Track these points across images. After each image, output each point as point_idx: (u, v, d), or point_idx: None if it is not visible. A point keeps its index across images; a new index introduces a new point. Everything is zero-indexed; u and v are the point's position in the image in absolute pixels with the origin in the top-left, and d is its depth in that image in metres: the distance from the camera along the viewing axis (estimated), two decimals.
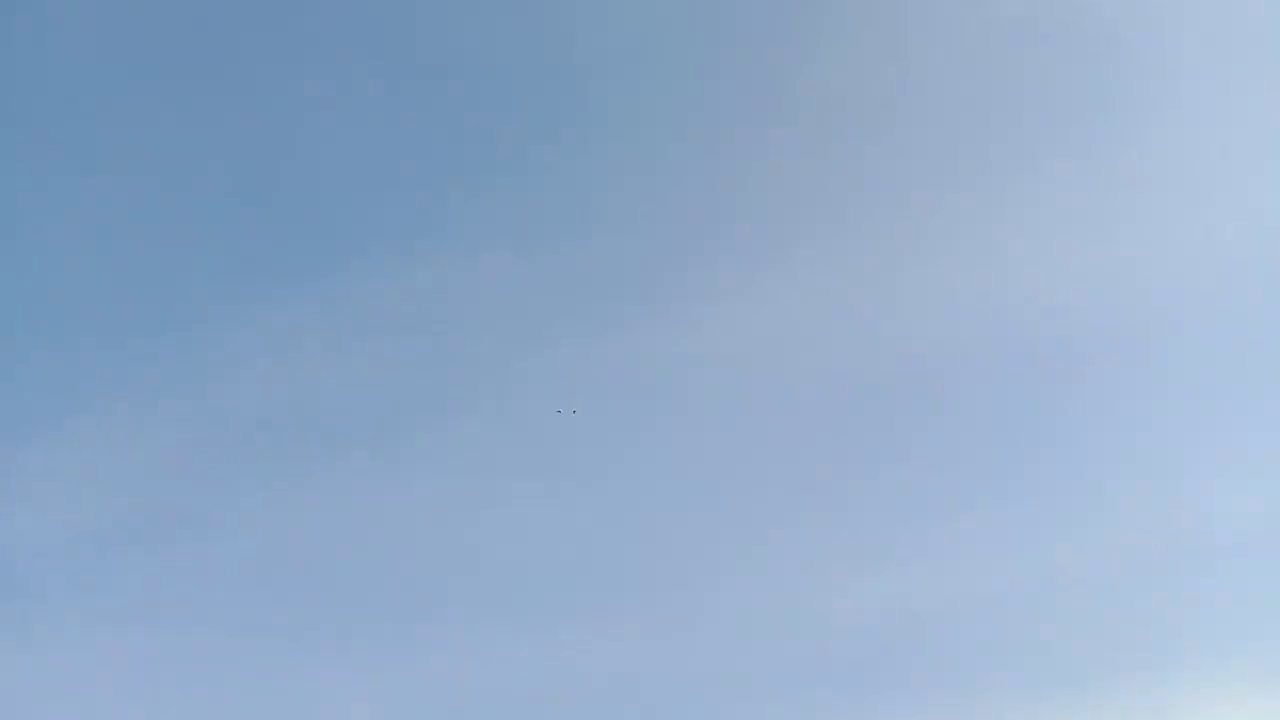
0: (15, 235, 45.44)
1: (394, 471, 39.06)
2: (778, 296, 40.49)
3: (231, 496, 38.93)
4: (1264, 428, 34.42)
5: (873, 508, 37.32)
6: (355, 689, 36.11)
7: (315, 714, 35.39)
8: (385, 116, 43.62)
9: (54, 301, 43.43)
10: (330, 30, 42.54)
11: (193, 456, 40.45)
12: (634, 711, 33.81)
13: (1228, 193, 37.24)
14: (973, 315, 39.77)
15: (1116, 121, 36.75)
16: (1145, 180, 37.56)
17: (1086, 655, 31.38)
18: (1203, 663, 30.42)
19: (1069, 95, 37.65)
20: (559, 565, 37.49)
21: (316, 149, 44.59)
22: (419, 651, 36.54)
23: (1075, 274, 38.79)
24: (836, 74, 40.40)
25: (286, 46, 43.56)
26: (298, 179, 44.49)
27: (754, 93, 41.64)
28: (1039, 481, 35.33)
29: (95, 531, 38.97)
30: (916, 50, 38.69)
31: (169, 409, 41.51)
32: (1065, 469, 35.30)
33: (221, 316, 42.38)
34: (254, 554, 38.07)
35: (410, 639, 36.55)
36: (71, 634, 36.28)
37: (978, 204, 40.23)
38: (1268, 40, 36.50)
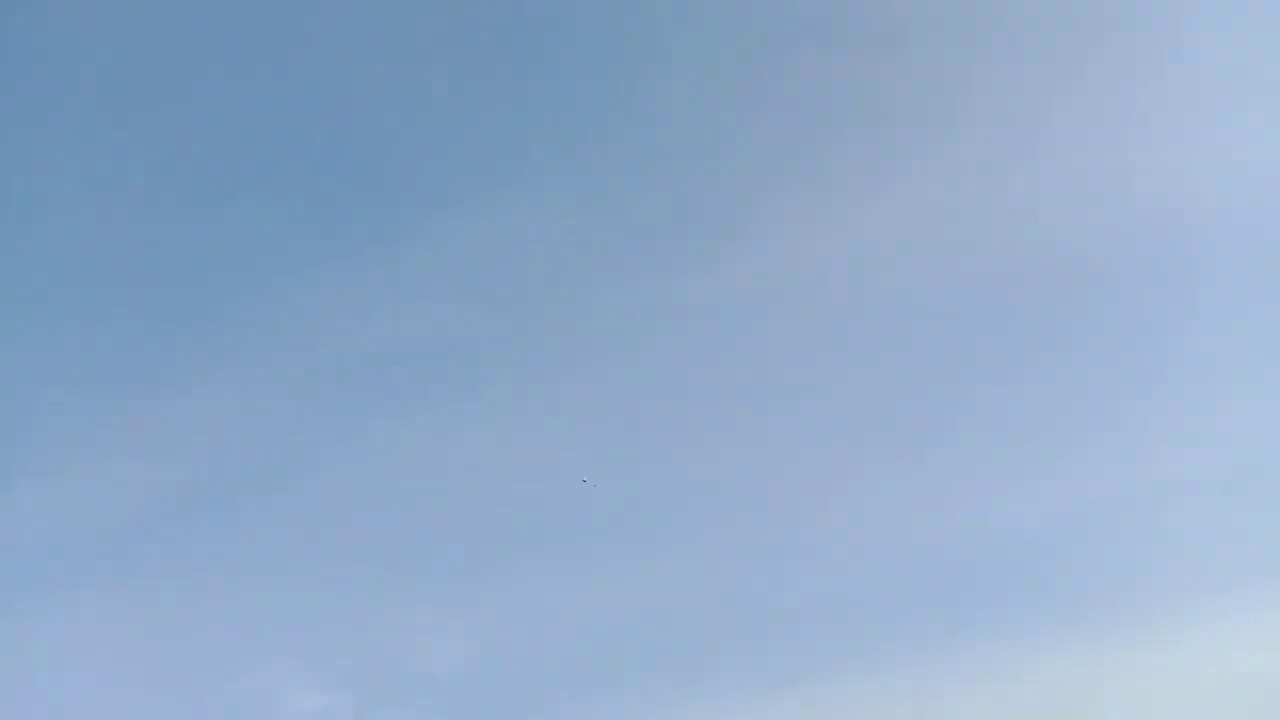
0: (111, 206, 42.62)
1: (480, 414, 37.63)
2: (879, 213, 39.93)
3: (326, 444, 37.28)
4: None
5: (994, 422, 36.56)
6: (449, 626, 34.58)
7: (412, 651, 33.87)
8: (454, 69, 42.25)
9: (152, 267, 40.98)
10: None
11: (287, 407, 38.56)
12: (764, 630, 32.52)
13: None
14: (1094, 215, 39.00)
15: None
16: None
17: (1232, 556, 30.70)
18: None
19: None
20: (671, 496, 36.03)
21: (391, 104, 42.94)
22: (511, 588, 35.03)
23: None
24: None
25: (363, 5, 41.84)
26: (375, 136, 42.74)
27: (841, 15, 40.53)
28: (1174, 385, 34.52)
29: (193, 483, 36.99)
30: None
31: (262, 363, 39.49)
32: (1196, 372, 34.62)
33: (307, 273, 40.61)
34: (349, 499, 36.24)
35: (504, 576, 35.05)
36: (175, 579, 34.46)
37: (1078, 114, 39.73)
38: None
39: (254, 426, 37.16)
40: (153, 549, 34.81)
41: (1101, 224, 35.92)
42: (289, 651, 35.44)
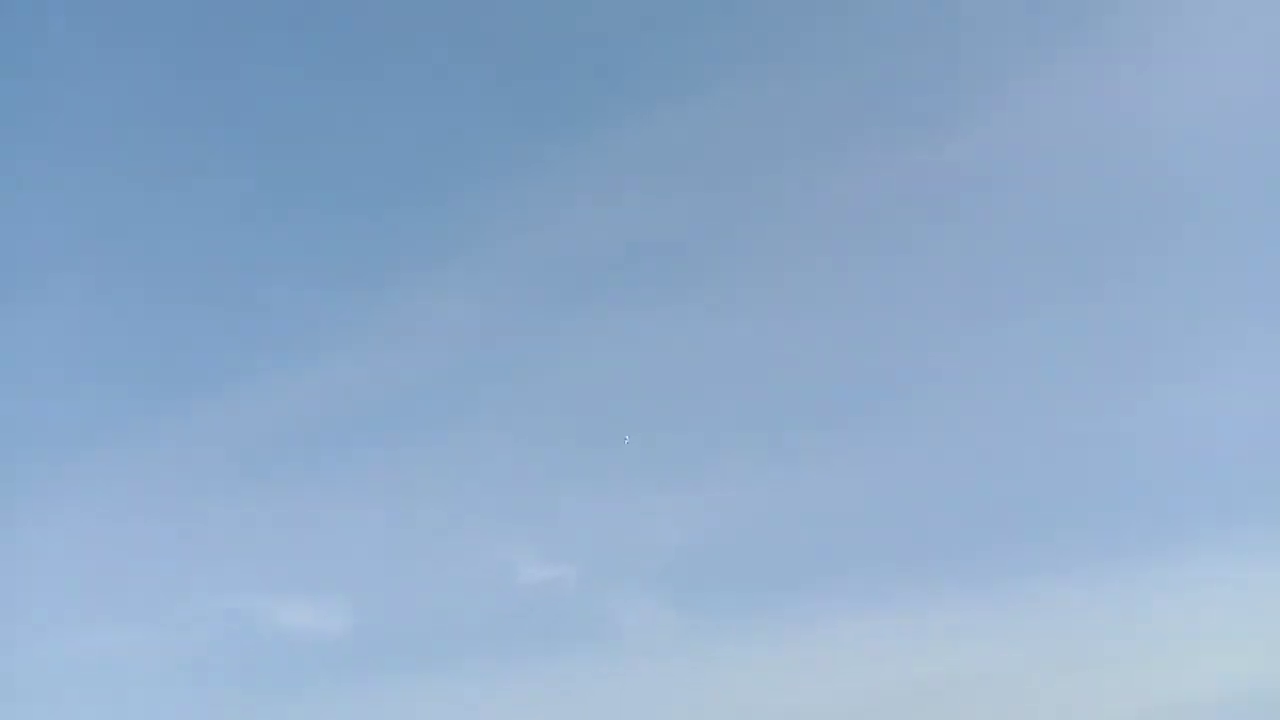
0: (350, 107, 46.38)
1: (708, 303, 39.40)
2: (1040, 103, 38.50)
3: (563, 331, 40.20)
4: None
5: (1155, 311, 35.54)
6: (674, 506, 36.96)
7: (636, 529, 36.38)
8: None
9: (392, 162, 44.92)
10: None
11: (525, 294, 41.70)
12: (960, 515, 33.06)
13: None
14: None
15: None
16: None
17: None
18: None
19: None
20: (897, 384, 36.77)
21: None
22: (735, 472, 37.02)
23: None
24: None
25: None
26: (600, 33, 44.64)
27: None
28: None
29: (436, 370, 40.87)
30: None
31: (502, 251, 42.78)
32: None
33: (544, 162, 43.41)
34: (582, 384, 39.07)
35: (729, 460, 37.05)
36: (421, 459, 38.42)
37: None
38: None
39: (493, 315, 38.85)
40: (401, 432, 37.16)
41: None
42: (522, 527, 37.19)
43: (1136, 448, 30.89)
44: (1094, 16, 34.88)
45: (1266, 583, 26.67)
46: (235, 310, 42.64)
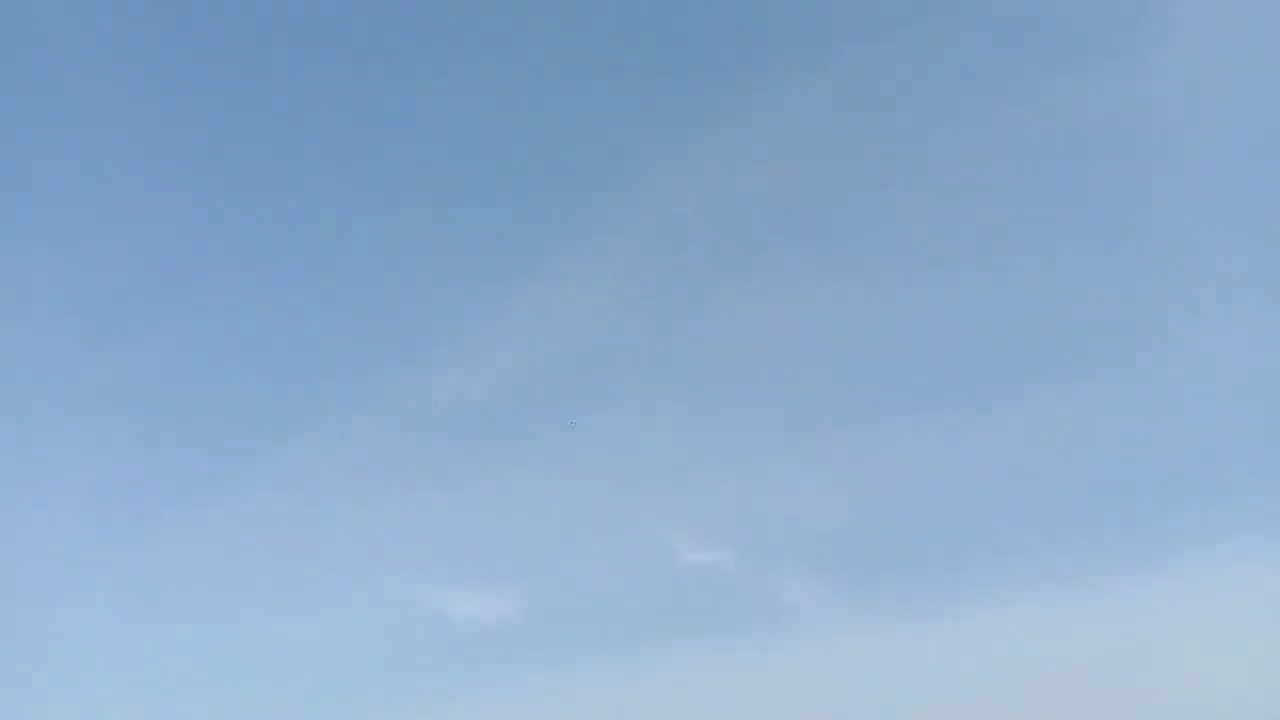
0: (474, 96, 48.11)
1: (845, 268, 39.33)
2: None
3: (698, 308, 40.92)
4: None
5: None
6: (828, 483, 37.15)
7: (793, 508, 36.70)
8: None
9: (526, 155, 46.44)
10: None
11: (657, 274, 42.53)
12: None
13: None
14: None
15: None
16: None
17: None
18: None
19: None
20: (1048, 344, 36.13)
21: None
22: (889, 444, 36.93)
23: None
24: None
25: None
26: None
27: None
28: None
29: (578, 356, 42.28)
30: None
31: (628, 236, 43.80)
32: None
33: (653, 151, 44.16)
34: (728, 361, 39.65)
35: (882, 431, 37.03)
36: (574, 445, 39.73)
37: None
38: None
39: (642, 295, 38.93)
40: (558, 418, 37.59)
41: None
42: (681, 510, 37.23)
43: None
44: None
45: None
46: (397, 303, 43.74)
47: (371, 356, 44.96)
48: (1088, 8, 35.03)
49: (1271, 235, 31.19)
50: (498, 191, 44.48)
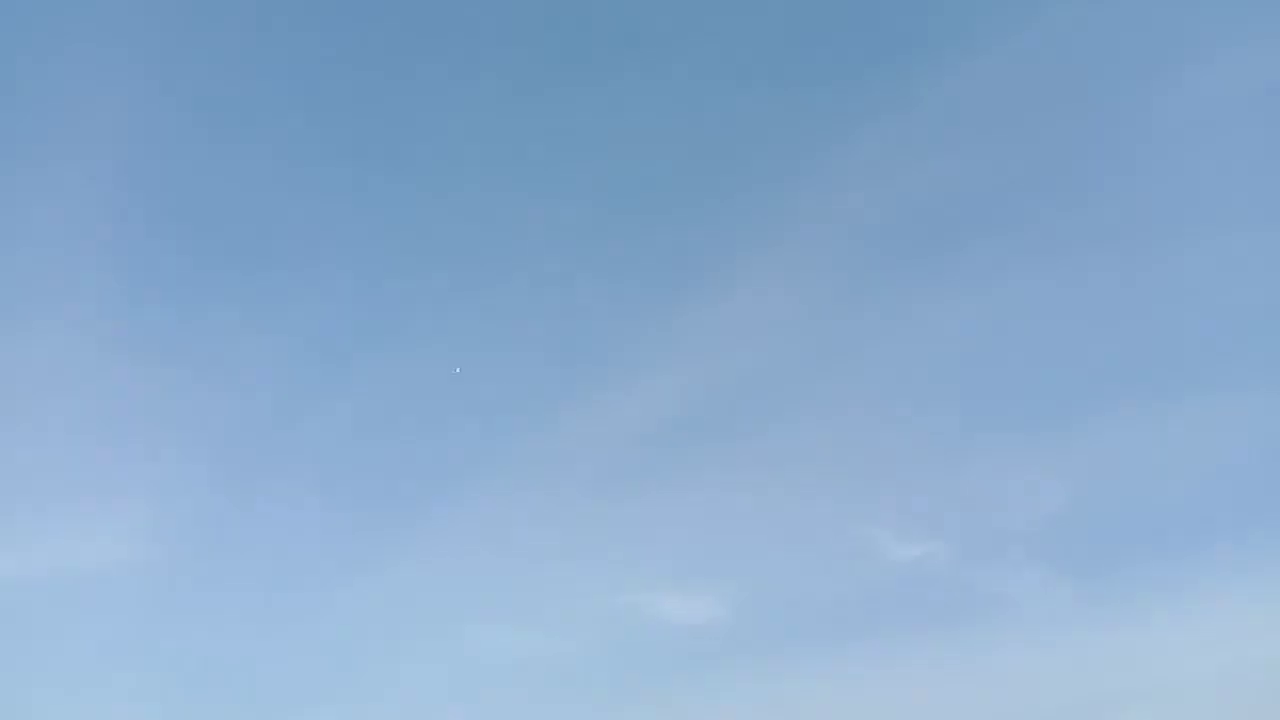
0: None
1: (1040, 253, 39.05)
2: None
3: (891, 302, 41.58)
4: None
5: None
6: (1039, 474, 37.19)
7: (1003, 500, 36.91)
8: None
9: (689, 165, 48.02)
10: None
11: (838, 277, 43.40)
12: None
13: None
14: None
15: None
16: None
17: None
18: None
19: None
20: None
21: None
22: (1100, 433, 36.61)
23: None
24: None
25: None
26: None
27: None
28: None
29: (767, 365, 43.49)
30: None
31: (804, 239, 44.78)
32: None
33: (812, 157, 45.00)
34: (928, 356, 40.11)
35: (1092, 421, 36.75)
36: (774, 445, 40.94)
37: None
38: None
39: (815, 296, 39.11)
40: (753, 422, 38.10)
41: None
42: (883, 505, 37.23)
43: None
44: None
45: None
46: (591, 313, 44.99)
47: (572, 369, 46.36)
48: None
49: None
50: (682, 198, 45.16)
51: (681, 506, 42.57)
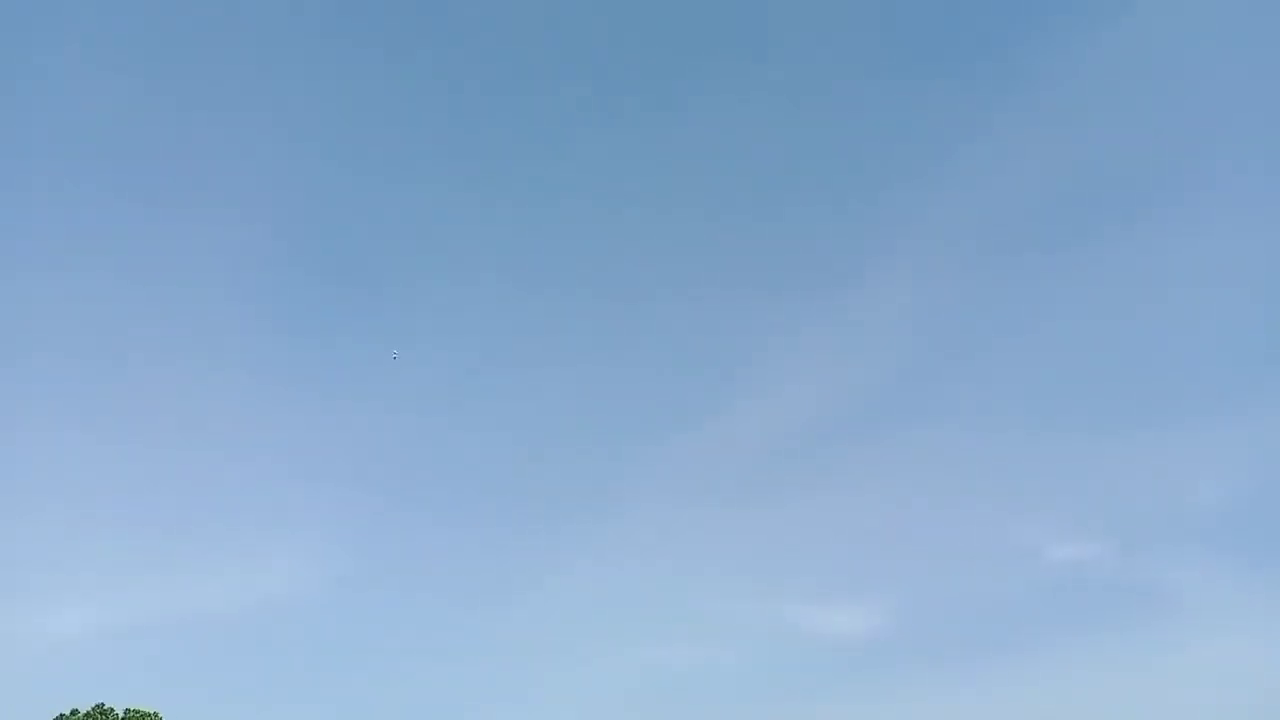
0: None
1: (1157, 238, 38.58)
2: None
3: (1034, 299, 41.75)
4: None
5: None
6: (1208, 461, 36.64)
7: (1168, 487, 36.32)
8: None
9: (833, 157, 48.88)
10: None
11: (991, 262, 43.59)
12: None
13: None
14: None
15: None
16: None
17: None
18: None
19: None
20: None
21: None
22: (1261, 418, 35.81)
23: None
24: None
25: None
26: None
27: None
28: None
29: (910, 370, 43.83)
30: None
31: (945, 233, 44.96)
32: None
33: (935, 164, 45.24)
34: (1080, 348, 39.95)
35: (1263, 404, 35.98)
36: (925, 443, 41.10)
37: None
38: None
39: (941, 301, 38.84)
40: (906, 430, 37.95)
41: None
42: (1044, 505, 36.63)
43: None
44: None
45: None
46: (723, 329, 45.45)
47: (714, 379, 46.79)
48: None
49: None
50: (812, 203, 45.47)
51: (831, 513, 42.36)
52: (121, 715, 55.10)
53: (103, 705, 54.67)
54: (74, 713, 54.71)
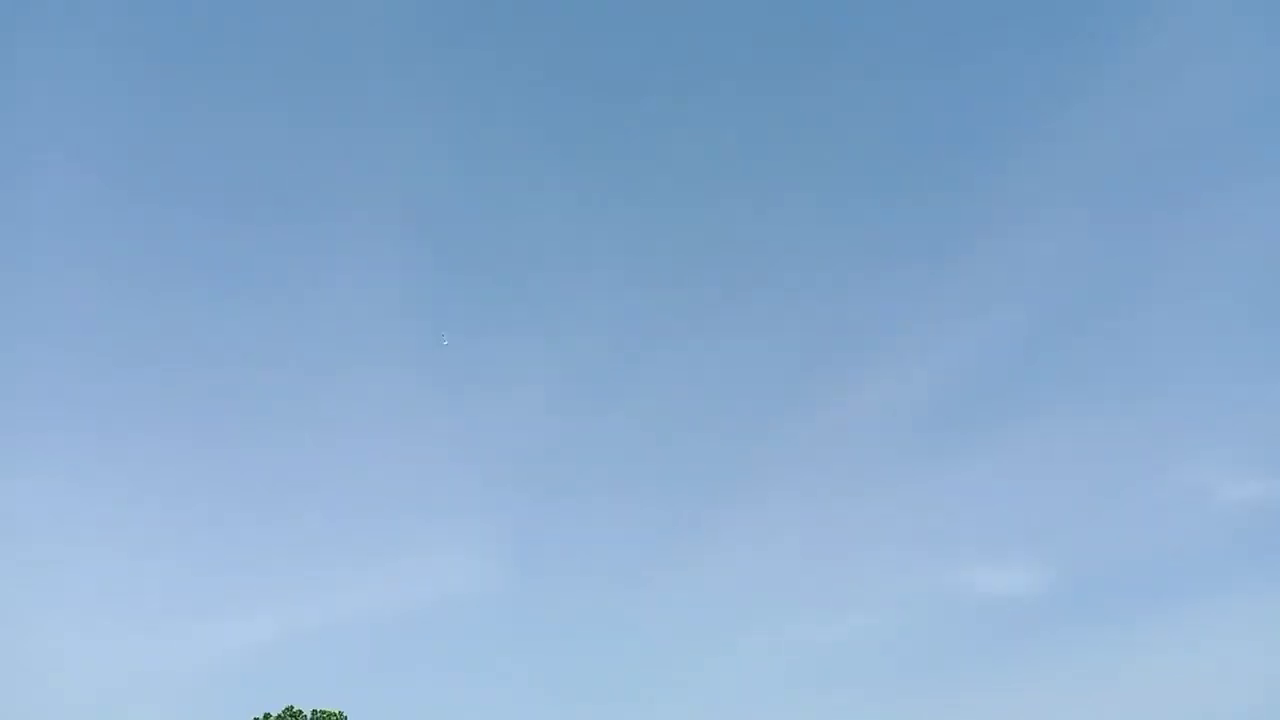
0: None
1: None
2: None
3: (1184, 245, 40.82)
4: None
5: None
6: None
7: None
8: None
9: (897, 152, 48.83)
10: None
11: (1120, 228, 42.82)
12: None
13: None
14: None
15: None
16: None
17: None
18: None
19: None
20: None
21: None
22: None
23: None
24: None
25: None
26: None
27: None
28: None
29: (1061, 313, 43.44)
30: None
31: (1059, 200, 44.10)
32: None
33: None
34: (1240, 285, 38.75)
35: None
36: (1079, 395, 40.68)
37: None
38: None
39: (1076, 247, 37.69)
40: (1034, 385, 36.94)
41: None
42: (1212, 440, 35.26)
43: None
44: None
45: None
46: (848, 305, 44.86)
47: (844, 353, 46.28)
48: None
49: None
50: (917, 183, 44.57)
51: (982, 475, 41.56)
52: (309, 716, 57.92)
53: (292, 708, 57.57)
54: (266, 716, 57.75)
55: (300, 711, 59.01)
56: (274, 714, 58.48)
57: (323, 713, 58.89)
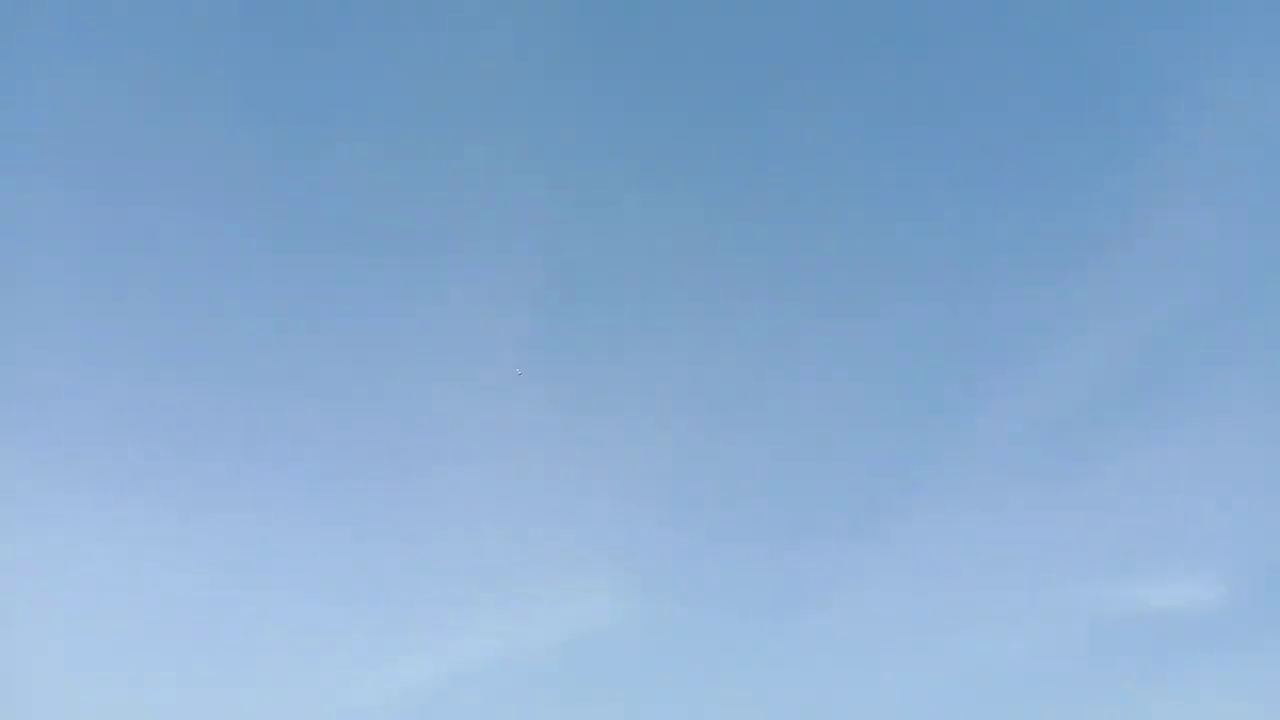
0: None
1: None
2: None
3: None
4: None
5: None
6: None
7: None
8: None
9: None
10: None
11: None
12: None
13: None
14: None
15: None
16: None
17: None
18: None
19: None
20: None
21: None
22: None
23: None
24: None
25: None
26: None
27: None
28: None
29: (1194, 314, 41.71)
30: None
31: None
32: None
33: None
34: None
35: None
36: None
37: None
38: None
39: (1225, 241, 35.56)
40: (1178, 384, 35.19)
41: None
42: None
43: None
44: None
45: None
46: (975, 315, 43.58)
47: (974, 365, 44.63)
48: None
49: None
50: (1056, 187, 43.05)
51: (1132, 481, 39.45)
52: None
53: None
54: None
55: None
56: None
57: None
